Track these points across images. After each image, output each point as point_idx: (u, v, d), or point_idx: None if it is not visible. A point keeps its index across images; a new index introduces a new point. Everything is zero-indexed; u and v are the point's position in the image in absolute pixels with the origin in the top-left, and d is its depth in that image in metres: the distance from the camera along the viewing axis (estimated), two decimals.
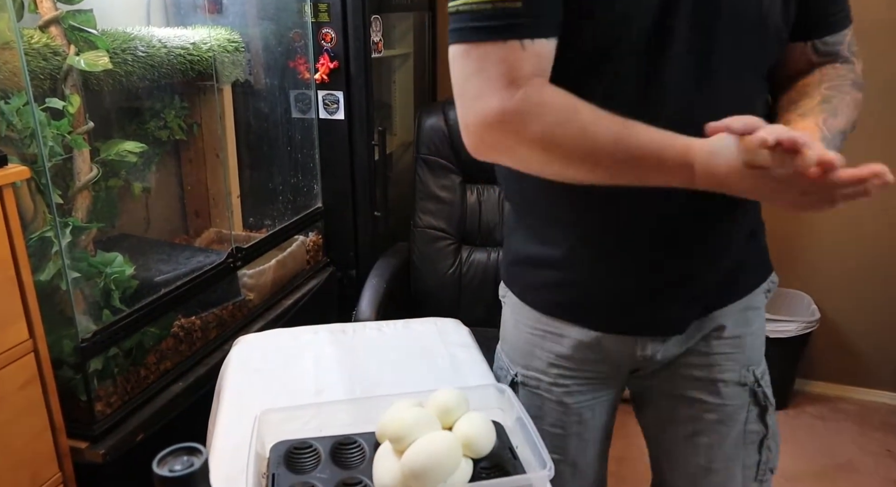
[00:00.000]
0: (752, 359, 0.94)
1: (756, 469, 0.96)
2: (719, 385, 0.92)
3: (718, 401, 0.93)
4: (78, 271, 1.16)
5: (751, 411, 0.94)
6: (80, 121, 1.21)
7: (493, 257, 1.88)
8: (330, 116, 1.83)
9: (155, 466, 0.48)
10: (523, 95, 0.68)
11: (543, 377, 0.93)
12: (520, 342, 0.96)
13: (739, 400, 0.93)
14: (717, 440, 0.94)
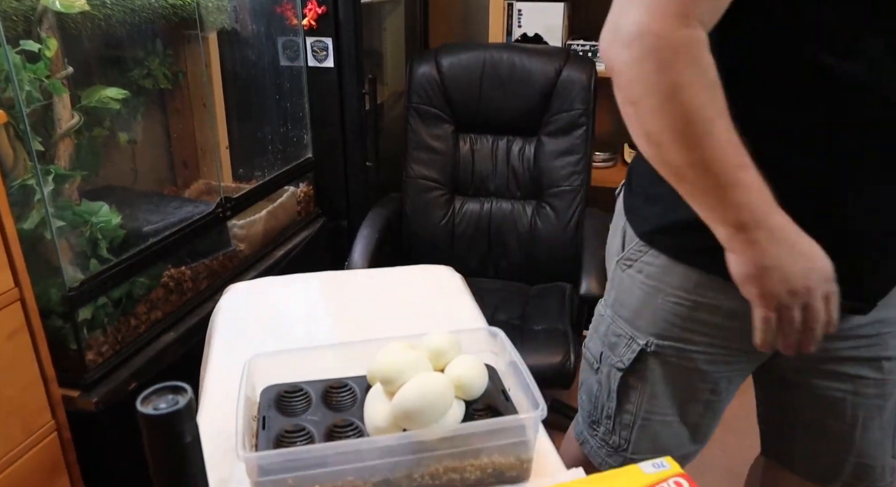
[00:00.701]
0: None
1: None
2: (882, 362, 0.86)
3: (879, 376, 0.87)
4: (63, 220, 1.14)
5: None
6: (58, 65, 1.17)
7: (486, 207, 1.86)
8: (319, 64, 1.78)
9: (139, 405, 0.47)
10: (686, 39, 0.62)
11: (686, 346, 0.88)
12: (659, 311, 0.88)
13: None
14: (874, 412, 0.89)
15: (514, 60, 1.80)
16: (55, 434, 1.13)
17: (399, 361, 0.67)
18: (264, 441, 0.66)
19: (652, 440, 0.97)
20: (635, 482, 0.57)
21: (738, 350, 0.88)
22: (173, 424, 0.47)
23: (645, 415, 0.96)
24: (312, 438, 0.67)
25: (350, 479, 0.64)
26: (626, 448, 0.98)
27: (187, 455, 0.49)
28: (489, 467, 0.67)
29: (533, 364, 1.23)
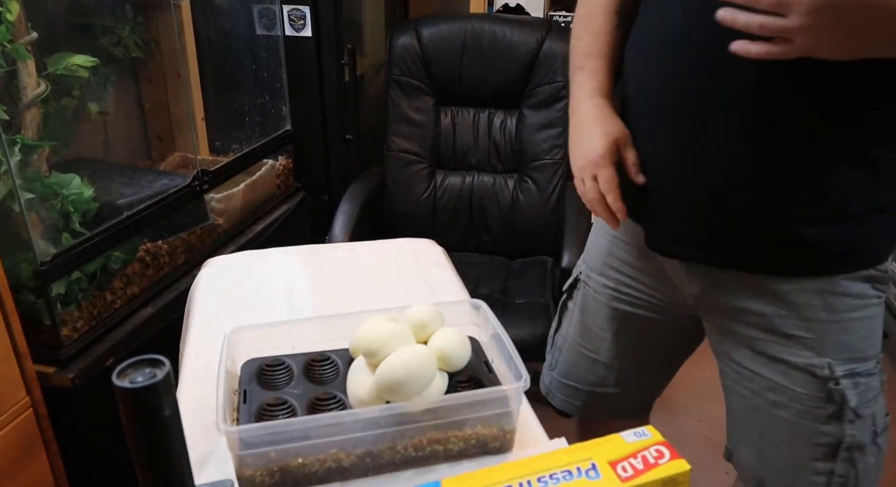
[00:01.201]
0: (831, 351, 0.79)
1: (828, 480, 0.82)
2: (784, 366, 0.81)
3: (781, 381, 0.82)
4: (32, 193, 1.11)
5: (823, 409, 0.80)
6: (21, 30, 1.12)
7: (468, 181, 1.85)
8: (296, 33, 1.73)
9: (115, 378, 0.46)
10: None
11: (602, 279, 0.97)
12: (594, 244, 1.01)
13: (808, 389, 0.80)
14: (776, 422, 0.84)
15: (495, 32, 1.78)
16: (31, 411, 1.11)
17: (381, 333, 0.66)
18: (245, 415, 0.65)
19: (572, 365, 1.06)
20: (617, 450, 0.57)
21: (648, 297, 0.94)
22: (151, 397, 0.46)
23: (570, 340, 1.06)
24: (295, 411, 0.66)
25: (333, 451, 0.63)
26: (555, 367, 1.09)
27: (166, 428, 0.48)
28: (472, 438, 0.67)
29: (515, 337, 1.23)
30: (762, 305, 0.80)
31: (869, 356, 0.80)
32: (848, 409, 0.79)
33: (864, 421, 0.80)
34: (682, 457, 0.56)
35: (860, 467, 0.82)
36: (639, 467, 0.55)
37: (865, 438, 0.81)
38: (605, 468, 0.55)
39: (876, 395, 0.81)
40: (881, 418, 0.82)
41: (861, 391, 0.80)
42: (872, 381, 0.80)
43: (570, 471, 0.55)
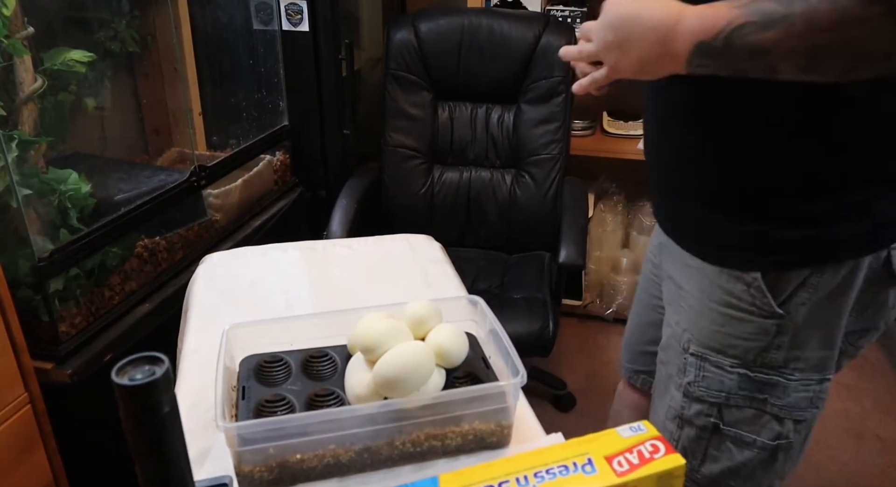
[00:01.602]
0: (686, 323, 0.86)
1: (672, 438, 0.90)
2: (670, 329, 0.91)
3: (665, 340, 0.93)
4: (29, 188, 1.11)
5: (678, 376, 0.88)
6: (17, 25, 1.12)
7: (466, 176, 1.85)
8: (293, 28, 1.73)
9: (114, 375, 0.46)
10: None
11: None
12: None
13: (673, 355, 0.89)
14: (658, 376, 0.96)
15: (492, 26, 1.77)
16: (29, 407, 1.12)
17: (379, 330, 0.66)
18: (244, 411, 0.66)
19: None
20: (613, 445, 0.58)
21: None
22: (150, 394, 0.46)
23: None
24: (293, 407, 0.66)
25: (331, 447, 0.64)
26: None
27: (165, 425, 0.48)
28: (470, 433, 0.67)
29: (512, 332, 1.24)
30: (675, 270, 0.90)
31: (727, 353, 0.84)
32: (685, 383, 0.87)
33: (698, 402, 0.87)
34: (677, 452, 0.56)
35: (688, 444, 0.89)
36: (634, 461, 0.56)
37: (696, 420, 0.88)
38: (601, 462, 0.56)
39: (724, 392, 0.85)
40: (743, 425, 0.86)
41: (702, 375, 0.86)
42: (724, 377, 0.84)
43: (566, 466, 0.55)
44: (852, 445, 1.76)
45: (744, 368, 0.83)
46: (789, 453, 0.88)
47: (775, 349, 0.82)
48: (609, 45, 0.71)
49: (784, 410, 0.84)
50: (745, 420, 0.86)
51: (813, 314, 0.80)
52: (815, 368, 0.83)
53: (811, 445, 0.87)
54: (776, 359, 0.82)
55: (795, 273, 0.78)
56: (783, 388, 0.83)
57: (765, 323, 0.81)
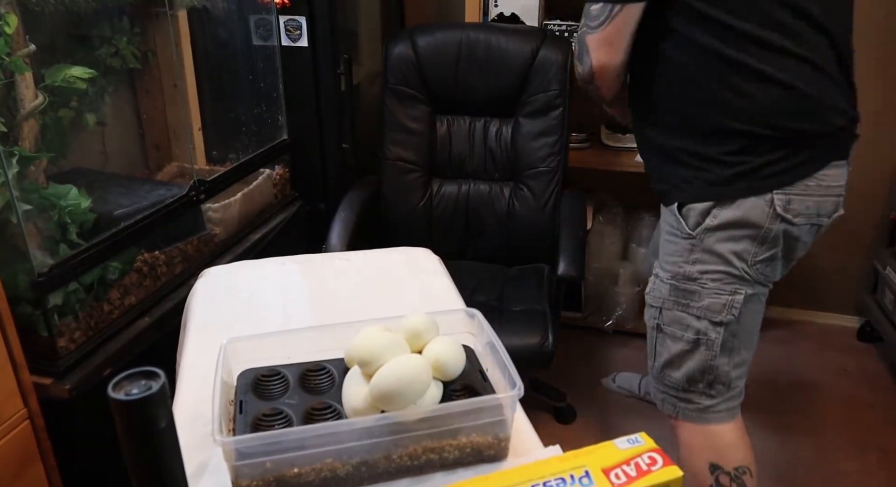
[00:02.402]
0: (658, 253, 1.21)
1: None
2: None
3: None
4: (29, 204, 1.11)
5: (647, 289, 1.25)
6: (19, 43, 1.13)
7: (464, 189, 1.86)
8: (293, 43, 1.75)
9: (111, 390, 0.46)
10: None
11: None
12: None
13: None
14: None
15: (490, 40, 1.79)
16: (27, 422, 1.11)
17: (376, 343, 0.66)
18: (241, 426, 0.65)
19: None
20: (610, 457, 0.58)
21: None
22: (146, 409, 0.46)
23: None
24: (290, 421, 0.66)
25: (328, 461, 0.63)
26: None
27: (162, 440, 0.48)
28: (467, 446, 0.67)
29: (512, 345, 1.24)
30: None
31: (665, 268, 1.17)
32: (645, 293, 1.23)
33: (650, 307, 1.22)
34: (675, 464, 0.56)
35: (650, 343, 1.23)
36: (632, 474, 0.56)
37: (650, 320, 1.22)
38: (598, 475, 0.55)
39: (661, 298, 1.18)
40: (672, 324, 1.17)
41: (653, 287, 1.21)
42: (661, 286, 1.18)
43: (563, 479, 0.55)
44: (855, 457, 1.75)
45: (672, 279, 1.16)
46: (711, 347, 1.14)
47: (690, 264, 1.13)
48: None
49: (701, 311, 1.13)
50: (675, 321, 1.17)
51: (716, 239, 1.09)
52: (724, 281, 1.11)
53: (814, 457, 0.88)
54: (692, 272, 1.13)
55: (700, 206, 1.09)
56: (699, 294, 1.13)
57: (684, 243, 1.13)
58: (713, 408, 1.18)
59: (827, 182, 1.05)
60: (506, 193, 1.84)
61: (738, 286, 1.11)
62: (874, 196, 2.11)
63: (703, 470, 1.18)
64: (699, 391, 1.17)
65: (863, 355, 2.17)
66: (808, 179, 1.04)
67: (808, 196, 1.05)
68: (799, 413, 1.91)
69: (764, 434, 1.80)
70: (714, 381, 1.16)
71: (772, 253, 1.10)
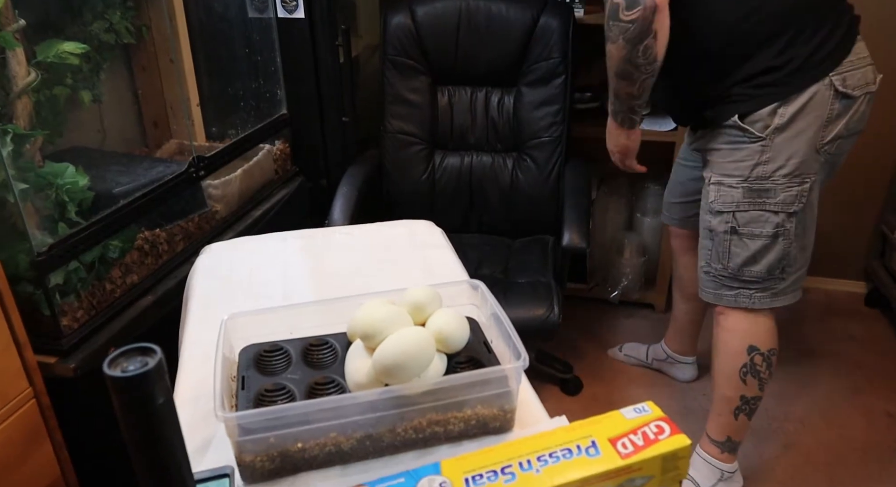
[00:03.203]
0: (713, 167, 1.31)
1: (706, 252, 1.35)
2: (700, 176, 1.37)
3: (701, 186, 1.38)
4: (25, 183, 1.10)
5: (705, 203, 1.34)
6: (8, 18, 1.11)
7: (467, 161, 1.84)
8: (289, 15, 1.71)
9: (106, 368, 0.45)
10: None
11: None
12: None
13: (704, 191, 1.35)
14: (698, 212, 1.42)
15: (490, 8, 1.75)
16: (34, 401, 1.12)
17: (379, 316, 0.65)
18: (244, 401, 0.65)
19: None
20: (617, 426, 0.57)
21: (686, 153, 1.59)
22: (143, 386, 0.45)
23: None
24: (293, 396, 0.66)
25: (332, 436, 0.63)
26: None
27: (160, 416, 0.47)
28: (473, 419, 0.66)
29: (517, 317, 1.24)
30: (700, 143, 1.33)
31: (733, 174, 1.25)
32: (708, 203, 1.30)
33: (719, 215, 1.29)
34: (682, 432, 0.55)
35: (718, 247, 1.31)
36: (639, 443, 0.55)
37: (719, 227, 1.29)
38: (604, 445, 0.55)
39: (734, 202, 1.26)
40: (750, 224, 1.26)
41: (720, 194, 1.27)
42: (732, 192, 1.25)
43: (569, 449, 0.55)
44: (862, 422, 1.75)
45: (744, 182, 1.24)
46: (788, 236, 1.25)
47: (764, 165, 1.21)
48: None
49: (777, 206, 1.23)
50: (753, 220, 1.25)
51: (785, 136, 1.19)
52: (795, 173, 1.21)
53: (821, 423, 0.87)
54: (765, 171, 1.22)
55: (765, 110, 1.18)
56: (773, 191, 1.22)
57: (753, 147, 1.21)
58: (786, 289, 1.31)
59: (861, 54, 1.19)
60: (509, 164, 1.82)
61: (806, 176, 1.21)
62: (881, 160, 2.08)
63: (742, 351, 1.35)
64: (776, 277, 1.29)
65: (870, 321, 2.16)
66: (850, 54, 1.17)
67: (856, 70, 1.18)
68: (805, 381, 1.91)
69: (769, 402, 1.80)
70: (787, 265, 1.28)
71: (837, 131, 1.20)
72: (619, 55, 1.15)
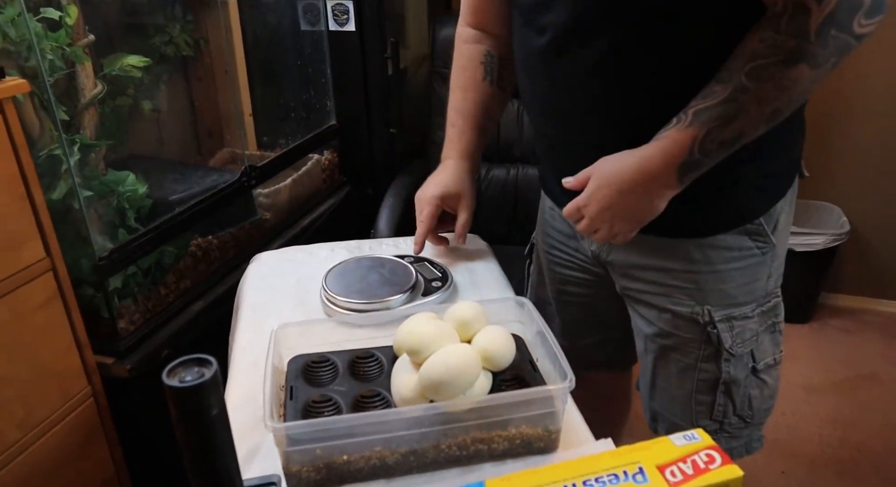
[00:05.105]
0: (711, 299, 0.89)
1: (710, 409, 0.95)
2: (671, 315, 0.91)
3: (669, 329, 0.93)
4: (90, 190, 1.15)
5: (704, 349, 0.92)
6: (79, 33, 1.16)
7: (513, 173, 1.83)
8: (340, 28, 1.74)
9: (165, 377, 0.47)
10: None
11: (543, 243, 1.10)
12: (539, 215, 1.14)
13: (691, 334, 0.92)
14: (666, 362, 0.96)
15: None
16: (91, 400, 1.16)
17: (425, 332, 0.66)
18: (292, 412, 0.66)
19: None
20: (665, 453, 0.56)
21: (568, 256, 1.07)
22: (199, 396, 0.47)
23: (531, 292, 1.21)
24: (340, 408, 0.67)
25: (377, 449, 0.64)
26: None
27: (214, 426, 0.49)
28: (517, 438, 0.66)
29: None
30: (650, 260, 0.90)
31: (747, 301, 0.90)
32: (723, 350, 0.91)
33: (738, 359, 0.92)
34: (734, 463, 0.54)
35: (737, 399, 0.94)
36: (688, 472, 0.54)
37: (740, 374, 0.93)
38: (652, 472, 0.54)
39: (754, 336, 0.92)
40: (766, 355, 0.93)
41: (736, 333, 0.91)
42: (749, 324, 0.91)
43: (616, 475, 0.54)
44: None
45: (759, 306, 0.91)
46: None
47: (770, 277, 0.91)
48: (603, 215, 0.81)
49: (782, 323, 0.95)
50: (768, 349, 0.94)
51: (784, 231, 0.90)
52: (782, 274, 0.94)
53: (882, 450, 0.84)
54: (773, 284, 0.92)
55: (780, 201, 0.87)
56: (779, 303, 0.94)
57: (764, 259, 0.89)
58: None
59: None
60: None
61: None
62: None
63: None
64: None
65: None
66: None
67: None
68: (864, 406, 1.83)
69: (825, 428, 1.74)
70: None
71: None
72: (811, 80, 0.70)
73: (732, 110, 0.71)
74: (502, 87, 1.04)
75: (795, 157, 0.90)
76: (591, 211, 0.80)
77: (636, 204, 0.78)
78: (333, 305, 0.90)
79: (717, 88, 0.72)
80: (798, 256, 2.03)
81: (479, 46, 1.05)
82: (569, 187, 0.83)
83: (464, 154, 1.05)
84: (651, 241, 0.87)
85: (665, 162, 0.75)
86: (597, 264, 0.99)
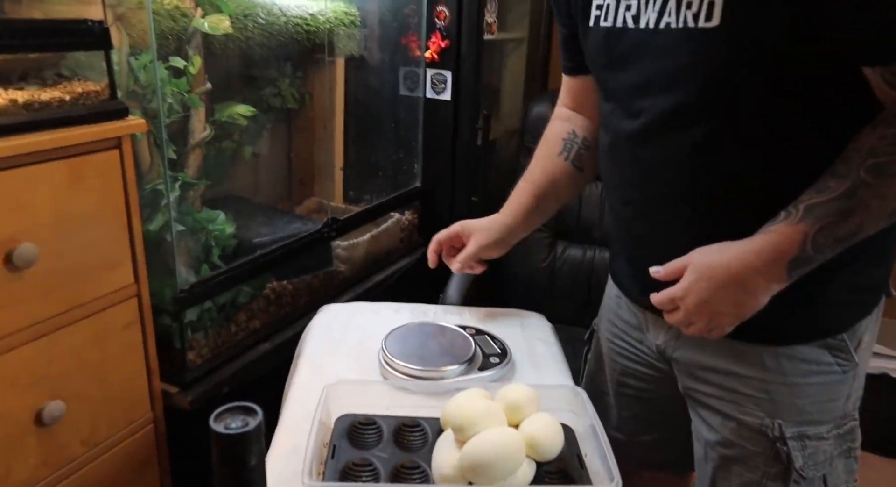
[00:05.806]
0: (783, 412, 0.83)
1: None
2: (737, 424, 0.85)
3: (733, 438, 0.86)
4: (183, 225, 1.22)
5: (771, 467, 0.85)
6: (199, 81, 1.27)
7: (589, 255, 1.81)
8: (436, 96, 1.82)
9: (212, 421, 0.48)
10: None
11: (605, 332, 1.05)
12: (604, 302, 1.09)
13: (758, 447, 0.85)
14: (727, 473, 0.88)
15: None
16: (152, 426, 1.20)
17: (473, 410, 0.65)
18: (331, 471, 0.66)
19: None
20: None
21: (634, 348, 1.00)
22: (240, 445, 0.48)
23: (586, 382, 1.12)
24: (378, 475, 0.66)
25: None
26: None
27: (251, 476, 0.49)
28: None
29: None
30: (719, 362, 0.85)
31: (823, 420, 0.83)
32: (793, 469, 0.83)
33: (809, 483, 0.84)
34: None
35: None
36: None
37: None
38: None
39: (828, 459, 0.84)
40: (839, 482, 0.85)
41: (809, 453, 0.83)
42: (824, 445, 0.83)
43: None
44: None
45: (836, 428, 0.84)
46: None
47: (849, 397, 0.84)
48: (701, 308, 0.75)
49: (858, 449, 0.86)
50: (842, 477, 0.86)
51: (868, 350, 0.84)
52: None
53: None
54: (851, 406, 0.85)
55: (866, 318, 0.82)
56: (856, 427, 0.86)
57: (845, 377, 0.83)
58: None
59: None
60: None
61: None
62: None
63: None
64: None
65: None
66: None
67: None
68: None
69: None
70: None
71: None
72: None
73: (851, 206, 0.68)
74: (578, 166, 1.06)
75: (886, 272, 0.85)
76: (689, 303, 0.75)
77: (738, 298, 0.73)
78: (389, 367, 0.90)
79: (832, 183, 0.70)
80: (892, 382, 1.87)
81: (567, 125, 1.09)
82: (659, 277, 0.78)
83: (508, 211, 1.12)
84: (722, 342, 0.82)
85: (774, 258, 0.71)
86: (661, 360, 0.95)
